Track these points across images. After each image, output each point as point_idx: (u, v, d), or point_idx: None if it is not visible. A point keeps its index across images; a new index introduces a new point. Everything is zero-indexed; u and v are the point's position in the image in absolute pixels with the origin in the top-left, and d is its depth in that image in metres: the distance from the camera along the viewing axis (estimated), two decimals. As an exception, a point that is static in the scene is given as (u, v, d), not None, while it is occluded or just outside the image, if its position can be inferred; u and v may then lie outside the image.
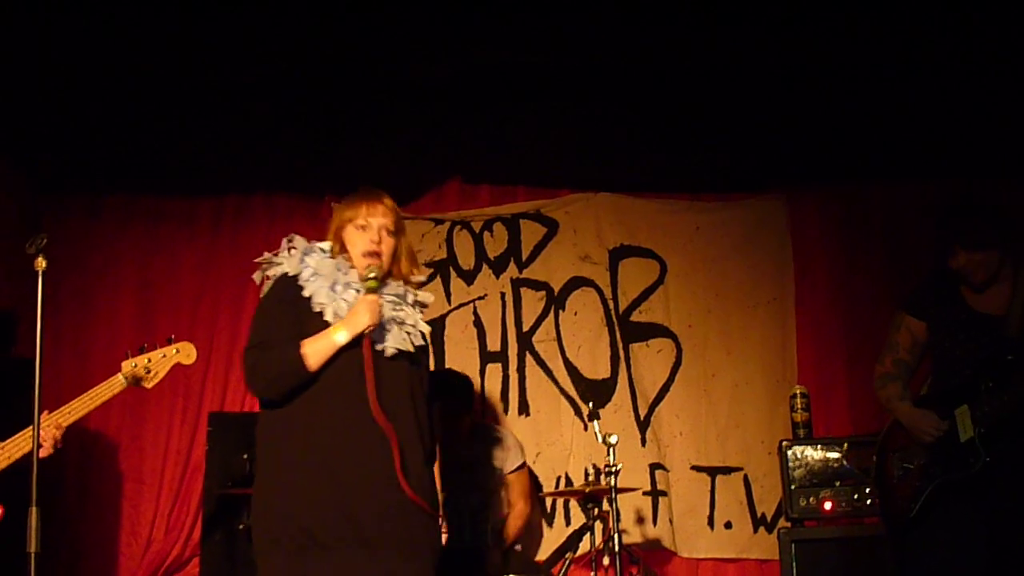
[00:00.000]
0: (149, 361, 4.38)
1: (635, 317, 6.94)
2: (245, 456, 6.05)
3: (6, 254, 5.94)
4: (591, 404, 6.16)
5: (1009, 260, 4.40)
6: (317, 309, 3.79)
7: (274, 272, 3.96)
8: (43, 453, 4.01)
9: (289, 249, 3.99)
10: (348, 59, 5.92)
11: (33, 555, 3.53)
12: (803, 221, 6.97)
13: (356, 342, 3.71)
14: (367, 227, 3.90)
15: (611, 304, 6.94)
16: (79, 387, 4.82)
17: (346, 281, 3.86)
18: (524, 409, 6.83)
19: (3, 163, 6.34)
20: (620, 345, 6.90)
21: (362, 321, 3.69)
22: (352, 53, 5.86)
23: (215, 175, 6.85)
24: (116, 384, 4.32)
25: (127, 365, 4.35)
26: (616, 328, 6.92)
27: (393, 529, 3.65)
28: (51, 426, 4.12)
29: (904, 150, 6.58)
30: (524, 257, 7.00)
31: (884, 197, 6.92)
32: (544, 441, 6.77)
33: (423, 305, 4.04)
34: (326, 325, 3.75)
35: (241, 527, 5.94)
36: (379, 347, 3.78)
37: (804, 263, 6.95)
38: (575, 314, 6.95)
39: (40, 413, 3.74)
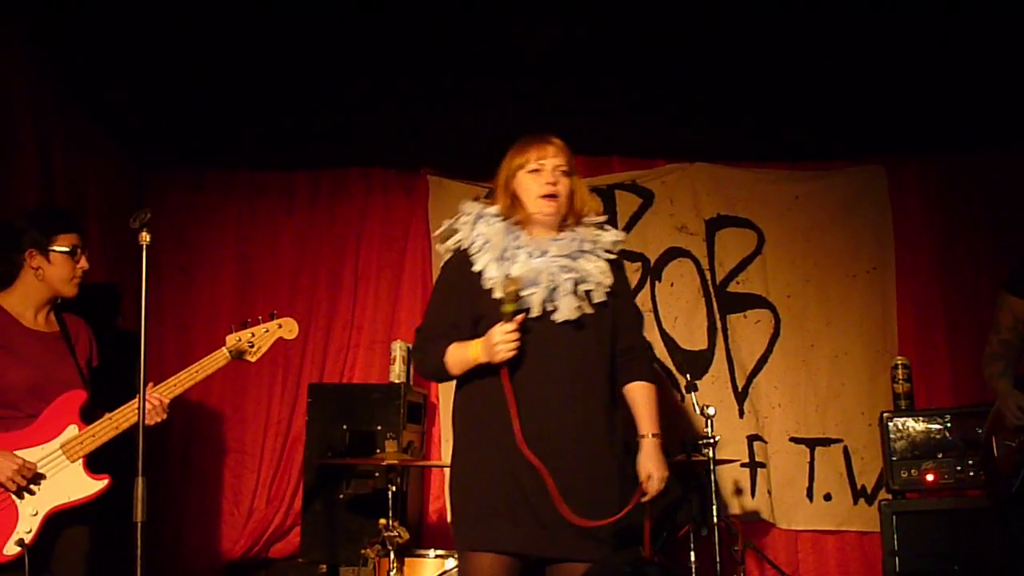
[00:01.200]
0: (253, 335, 4.40)
1: (732, 288, 6.90)
2: (344, 427, 6.11)
3: (111, 229, 6.05)
4: (688, 376, 6.16)
5: None
6: (488, 286, 3.65)
7: (454, 242, 3.82)
8: (149, 422, 4.07)
9: (466, 217, 3.83)
10: (441, 32, 5.92)
11: (139, 524, 3.58)
12: (903, 190, 6.86)
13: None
14: (541, 169, 3.76)
15: (708, 275, 6.91)
16: (181, 359, 4.89)
17: (516, 243, 3.68)
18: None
19: (108, 142, 6.43)
20: (717, 316, 6.86)
21: (497, 354, 3.52)
22: (445, 25, 5.85)
23: (312, 149, 6.91)
24: (220, 358, 4.34)
25: (231, 339, 4.37)
26: (713, 299, 6.88)
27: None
28: (156, 398, 4.18)
29: (1006, 120, 6.42)
30: (620, 227, 6.94)
31: (985, 166, 6.78)
32: (641, 412, 6.74)
33: (606, 250, 3.82)
34: (494, 303, 3.59)
35: (341, 496, 6.00)
36: (552, 317, 3.61)
37: (904, 233, 6.84)
38: (671, 285, 6.92)
39: (145, 385, 3.79)
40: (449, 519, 4.64)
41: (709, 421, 5.35)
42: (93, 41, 5.72)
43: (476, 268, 3.69)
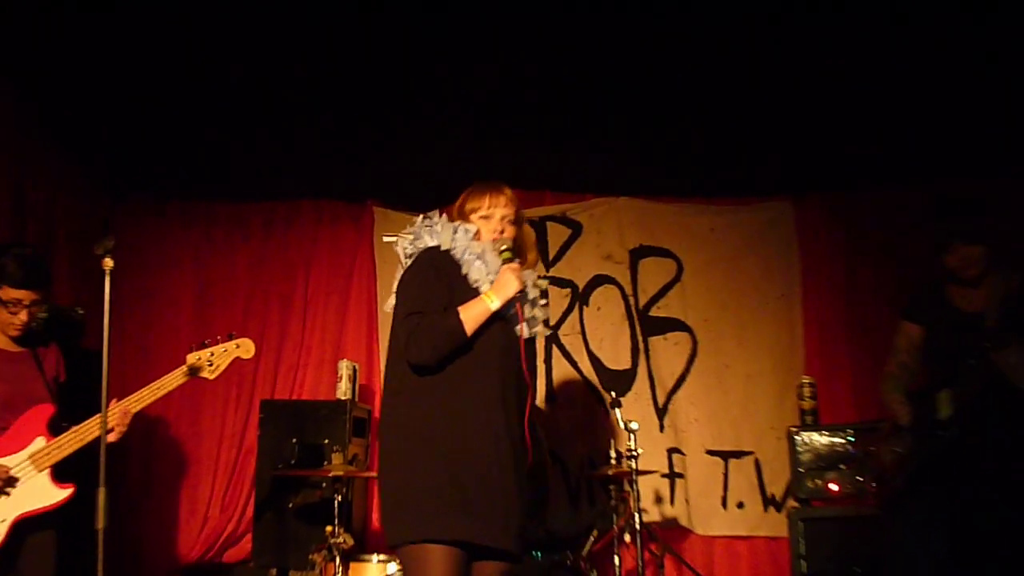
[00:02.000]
0: (212, 355, 4.41)
1: (654, 312, 6.96)
2: (294, 440, 6.10)
3: (76, 255, 6.01)
4: (613, 393, 6.20)
5: (992, 259, 4.45)
6: (475, 285, 3.69)
7: (423, 244, 3.81)
8: (112, 438, 4.07)
9: (428, 226, 3.84)
10: (387, 74, 5.95)
11: (101, 531, 3.58)
12: (809, 223, 6.97)
13: (504, 312, 3.63)
14: (490, 217, 3.83)
15: (631, 300, 6.96)
16: (142, 377, 4.86)
17: (482, 251, 3.73)
18: (551, 398, 6.86)
19: (76, 172, 6.39)
20: (640, 338, 6.91)
21: (511, 287, 3.59)
22: (392, 68, 5.89)
23: (266, 182, 6.90)
24: (180, 375, 4.35)
25: (191, 358, 4.38)
26: (636, 322, 6.93)
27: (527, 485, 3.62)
28: (119, 413, 4.17)
29: (901, 159, 6.55)
30: (551, 256, 7.02)
31: (883, 203, 6.90)
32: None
33: (540, 290, 3.90)
34: (471, 289, 3.67)
35: (291, 505, 5.98)
36: (533, 329, 3.75)
37: (810, 262, 6.94)
38: (598, 309, 6.97)
39: (108, 401, 3.78)
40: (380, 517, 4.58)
41: (632, 435, 5.37)
42: (67, 83, 5.71)
43: (464, 270, 3.71)
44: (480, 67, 5.82)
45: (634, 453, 5.36)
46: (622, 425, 5.43)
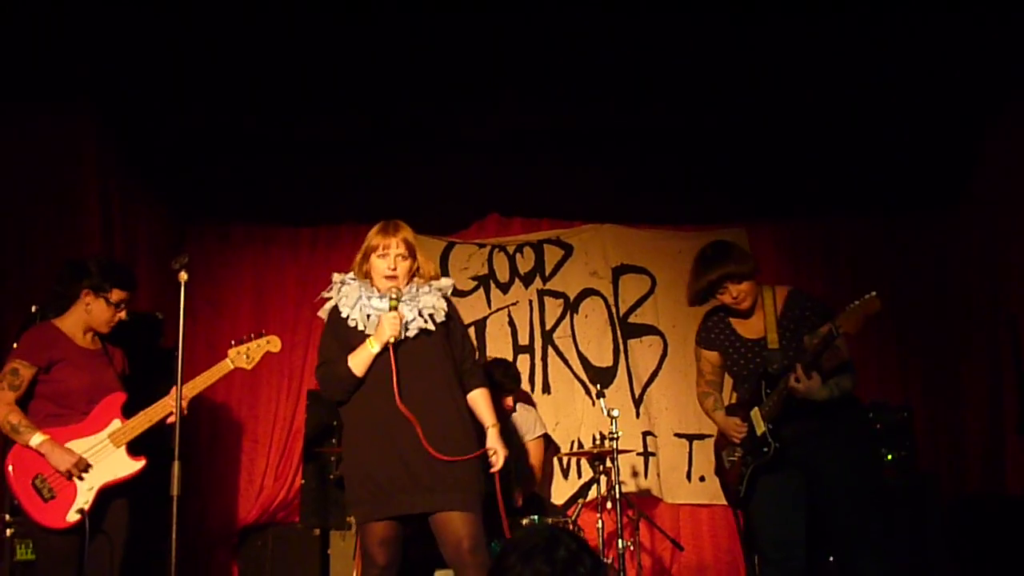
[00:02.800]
0: (248, 349, 4.48)
1: (632, 319, 6.92)
2: (334, 423, 6.06)
3: (155, 268, 6.00)
4: (598, 386, 6.18)
5: (758, 289, 4.30)
6: (351, 324, 3.86)
7: (328, 306, 4.03)
8: (174, 419, 4.10)
9: (339, 284, 4.01)
10: (413, 122, 5.99)
11: (175, 497, 3.64)
12: (760, 246, 6.88)
13: (386, 349, 3.75)
14: (385, 255, 3.90)
15: (613, 309, 6.92)
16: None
17: (368, 296, 3.89)
18: (546, 389, 6.82)
19: (153, 198, 6.39)
20: (620, 340, 6.87)
21: (386, 333, 3.74)
22: (417, 117, 5.93)
23: (313, 209, 6.88)
24: (224, 366, 4.42)
25: (232, 352, 4.46)
26: (617, 327, 6.90)
27: (439, 473, 3.67)
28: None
29: (836, 192, 6.55)
30: (547, 273, 6.99)
31: (828, 230, 6.87)
32: (562, 414, 6.75)
33: (441, 290, 3.98)
34: (361, 334, 3.82)
35: (332, 477, 5.96)
36: (408, 333, 3.81)
37: (760, 279, 6.84)
38: (586, 316, 6.93)
39: (181, 388, 3.83)
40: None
41: (613, 420, 5.34)
42: (147, 118, 5.75)
43: (344, 315, 3.90)
44: (490, 116, 5.87)
45: (615, 435, 5.34)
46: (605, 412, 5.41)
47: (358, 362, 3.78)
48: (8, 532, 4.44)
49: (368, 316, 3.85)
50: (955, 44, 5.24)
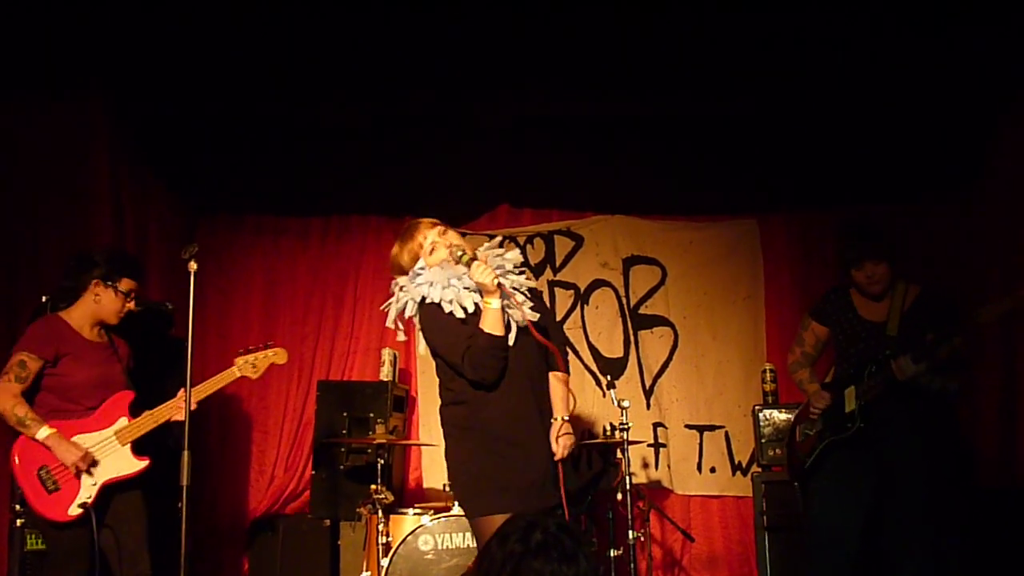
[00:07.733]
0: (255, 359, 4.49)
1: (643, 310, 6.88)
2: (345, 414, 6.07)
3: (166, 258, 5.98)
4: (608, 377, 6.15)
5: (893, 276, 4.36)
6: (447, 309, 3.57)
7: (403, 305, 3.71)
8: (181, 417, 4.13)
9: (401, 288, 3.74)
10: (425, 112, 5.97)
11: (185, 487, 3.67)
12: (771, 237, 6.88)
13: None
14: (445, 235, 3.73)
15: (624, 300, 6.89)
16: (220, 359, 4.83)
17: (456, 275, 3.59)
18: (557, 380, 6.79)
19: (168, 190, 6.37)
20: (631, 332, 6.85)
21: (487, 276, 3.43)
22: (428, 106, 5.90)
23: (324, 200, 6.86)
24: (230, 375, 4.42)
25: (239, 361, 4.47)
26: (628, 318, 6.87)
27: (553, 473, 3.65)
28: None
29: (848, 183, 6.49)
30: (558, 264, 6.96)
31: (833, 219, 6.78)
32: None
33: (516, 264, 3.75)
34: (460, 319, 3.55)
35: (341, 467, 5.95)
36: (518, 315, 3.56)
37: (772, 269, 6.86)
38: (596, 308, 6.90)
39: (191, 381, 3.82)
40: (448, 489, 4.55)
41: (624, 411, 5.34)
42: (159, 107, 5.73)
43: (437, 301, 3.60)
44: (502, 106, 5.85)
45: (626, 426, 5.33)
46: (616, 403, 5.39)
47: (491, 324, 3.47)
48: (19, 522, 4.45)
49: (462, 292, 3.56)
50: (967, 32, 5.19)
